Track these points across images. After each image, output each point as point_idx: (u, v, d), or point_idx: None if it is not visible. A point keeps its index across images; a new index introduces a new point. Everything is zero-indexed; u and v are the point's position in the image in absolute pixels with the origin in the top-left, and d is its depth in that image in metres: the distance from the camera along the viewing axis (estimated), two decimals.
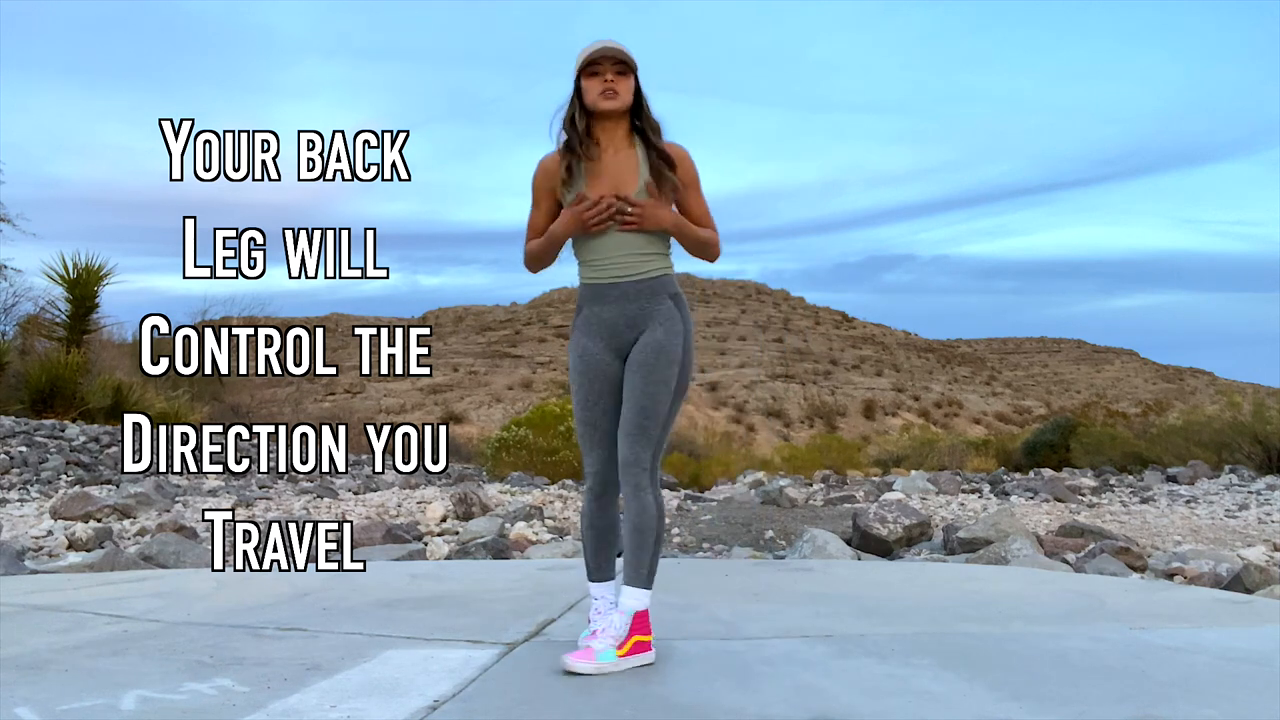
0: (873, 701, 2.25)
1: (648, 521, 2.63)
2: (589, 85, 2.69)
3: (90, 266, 16.40)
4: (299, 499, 9.09)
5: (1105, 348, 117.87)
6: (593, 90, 2.68)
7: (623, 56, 2.67)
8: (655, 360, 2.68)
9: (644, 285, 2.73)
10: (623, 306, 2.73)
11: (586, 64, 2.68)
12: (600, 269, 2.74)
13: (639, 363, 2.69)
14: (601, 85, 2.67)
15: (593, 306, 2.77)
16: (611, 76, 2.66)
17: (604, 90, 2.67)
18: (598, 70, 2.67)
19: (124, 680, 2.41)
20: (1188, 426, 17.77)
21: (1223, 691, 2.35)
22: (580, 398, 2.80)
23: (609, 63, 2.66)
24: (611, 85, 2.66)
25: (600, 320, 2.75)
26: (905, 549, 6.38)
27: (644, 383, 2.67)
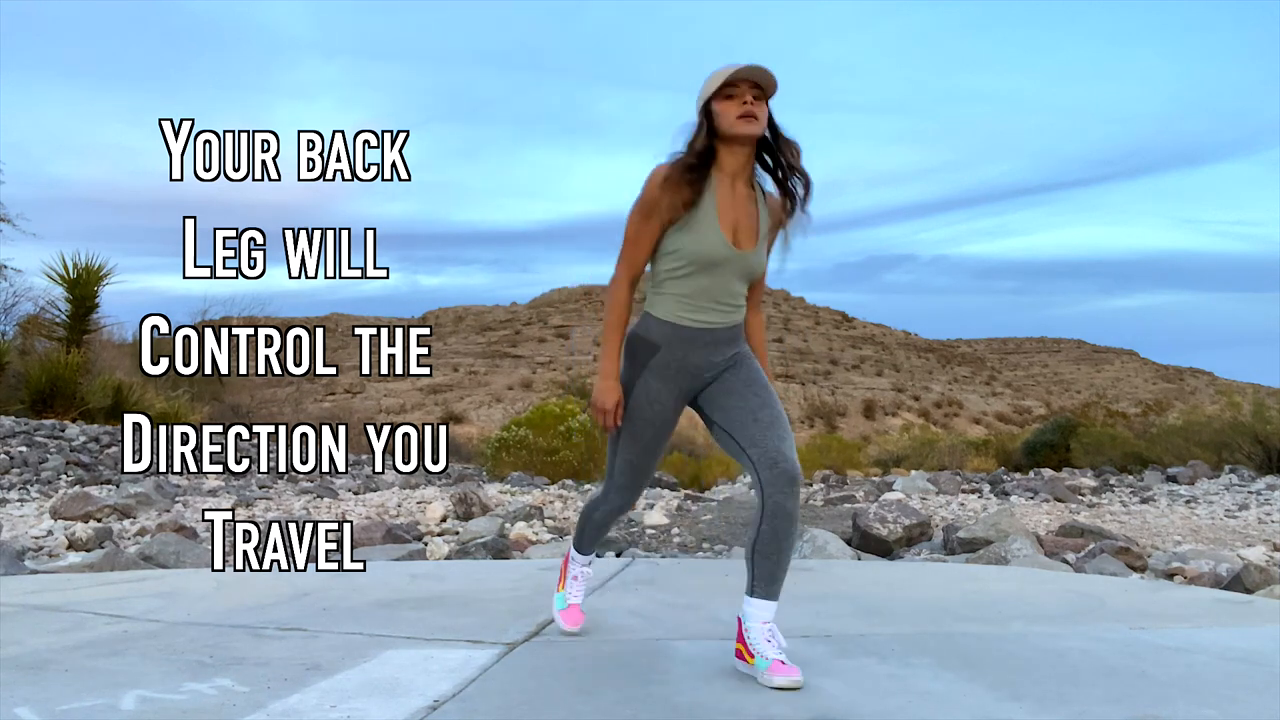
0: (873, 701, 2.25)
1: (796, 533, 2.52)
2: (724, 108, 2.46)
3: (90, 266, 16.40)
4: (299, 499, 9.09)
5: (1105, 348, 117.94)
6: (729, 113, 2.45)
7: (761, 79, 2.45)
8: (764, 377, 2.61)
9: (732, 331, 2.61)
10: (711, 354, 2.58)
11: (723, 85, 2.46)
12: (700, 310, 2.55)
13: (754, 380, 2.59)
14: (739, 108, 2.45)
15: (676, 350, 2.57)
16: (750, 100, 2.45)
17: (742, 114, 2.44)
18: (734, 93, 2.46)
19: (124, 680, 2.41)
20: (1188, 426, 17.77)
21: (1223, 691, 2.35)
22: (641, 444, 2.65)
23: (747, 85, 2.46)
24: (750, 109, 2.44)
25: (683, 366, 2.58)
26: (905, 549, 6.38)
27: (770, 393, 2.56)
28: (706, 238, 2.49)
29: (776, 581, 2.47)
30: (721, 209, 2.50)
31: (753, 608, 2.47)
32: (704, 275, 2.52)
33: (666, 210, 2.49)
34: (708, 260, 2.50)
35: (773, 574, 2.46)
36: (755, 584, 2.47)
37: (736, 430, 2.53)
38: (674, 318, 2.56)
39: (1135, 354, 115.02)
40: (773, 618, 2.47)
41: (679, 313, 2.55)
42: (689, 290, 2.54)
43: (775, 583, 2.47)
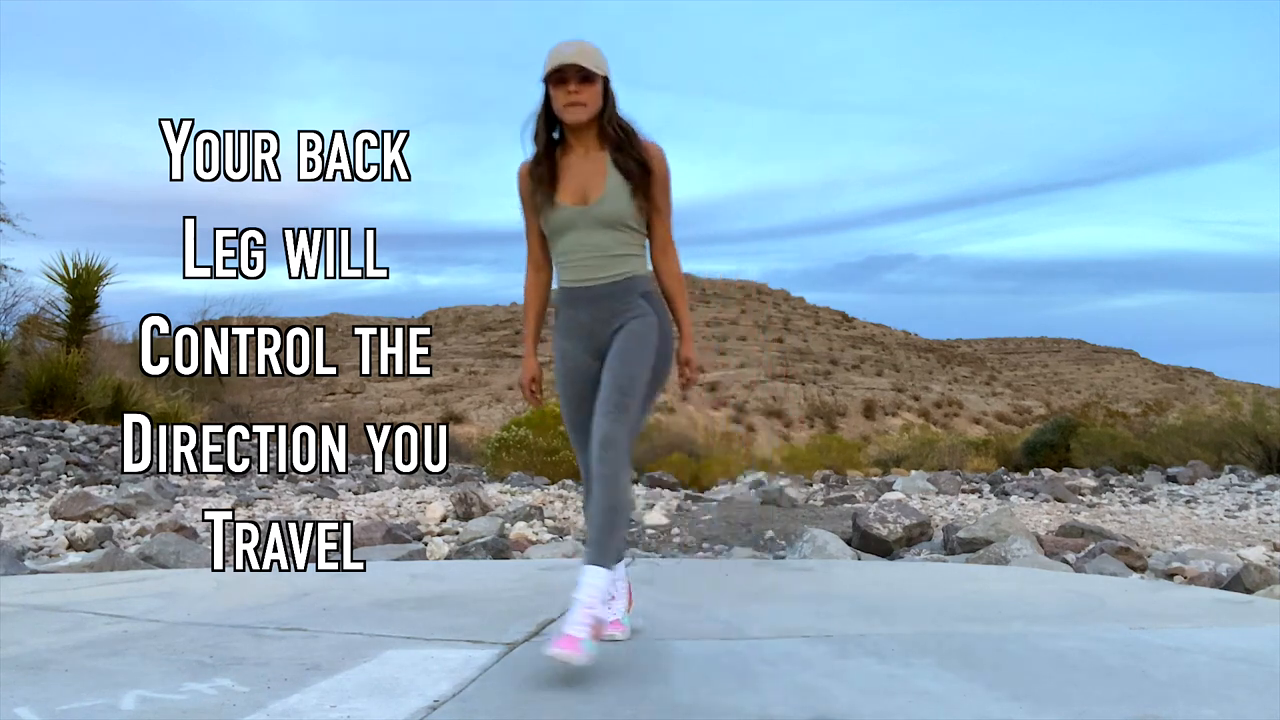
0: (873, 701, 2.25)
1: (622, 500, 2.57)
2: (555, 94, 2.65)
3: (90, 266, 16.39)
4: (299, 499, 9.09)
5: (1105, 348, 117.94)
6: (558, 101, 2.65)
7: (587, 66, 2.59)
8: (630, 345, 2.69)
9: (616, 286, 2.74)
10: (595, 308, 2.74)
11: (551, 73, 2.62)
12: (572, 270, 2.76)
13: (615, 350, 2.69)
14: (567, 97, 2.63)
15: (567, 309, 2.79)
16: (575, 86, 2.62)
17: (569, 103, 2.64)
18: (563, 79, 2.62)
19: (124, 680, 2.41)
20: (1188, 426, 17.77)
21: (1223, 691, 2.35)
22: (565, 399, 2.85)
23: (573, 72, 2.60)
24: (575, 96, 2.62)
25: (576, 322, 2.77)
26: (905, 549, 6.38)
27: (620, 364, 2.66)
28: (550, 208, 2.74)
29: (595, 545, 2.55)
30: (567, 175, 2.73)
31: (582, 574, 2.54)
32: (562, 237, 2.75)
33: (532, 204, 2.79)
34: (556, 226, 2.74)
35: (594, 538, 2.56)
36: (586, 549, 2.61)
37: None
38: (561, 282, 2.81)
39: (1135, 354, 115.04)
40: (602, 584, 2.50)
41: (561, 277, 2.81)
42: (560, 253, 2.78)
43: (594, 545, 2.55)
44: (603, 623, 2.50)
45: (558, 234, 2.76)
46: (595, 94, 2.65)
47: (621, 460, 2.58)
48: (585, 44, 2.65)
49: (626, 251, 2.75)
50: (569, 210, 2.72)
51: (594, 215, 2.71)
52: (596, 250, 2.72)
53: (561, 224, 2.74)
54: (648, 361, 2.69)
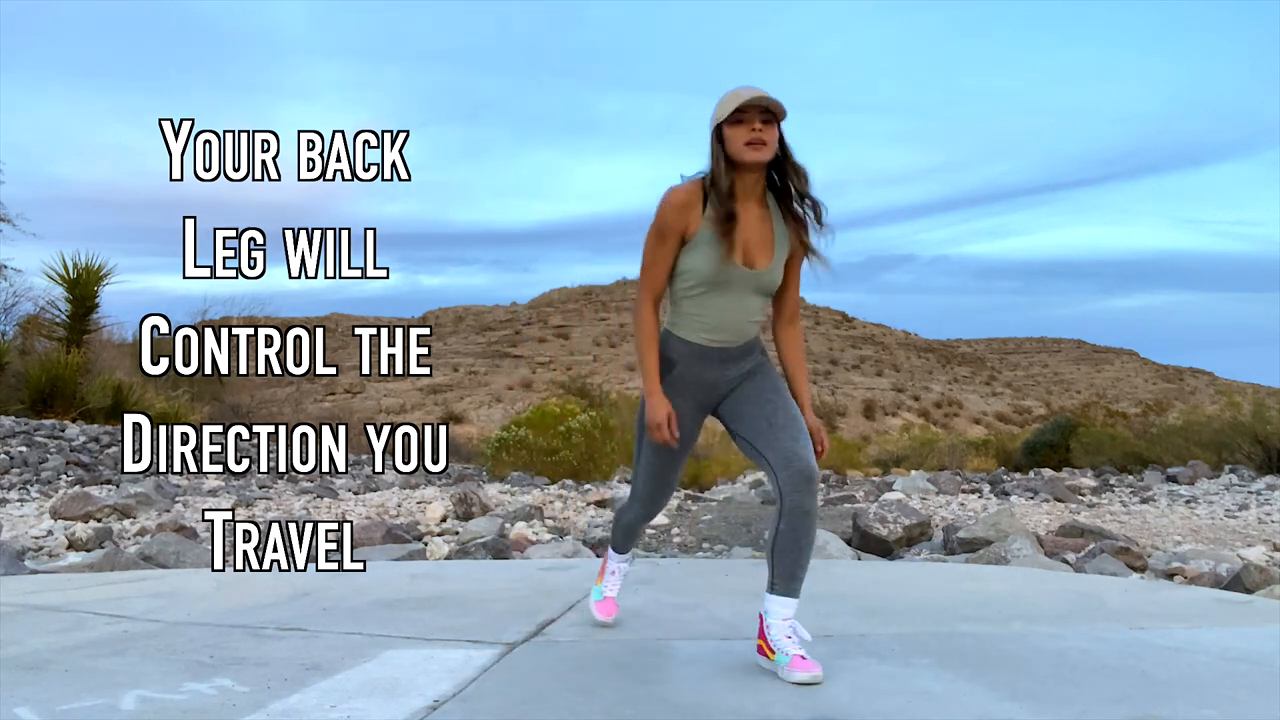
0: (873, 701, 2.25)
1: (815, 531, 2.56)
2: (733, 133, 2.48)
3: (90, 266, 16.39)
4: (299, 499, 9.09)
5: (1105, 348, 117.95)
6: (737, 140, 2.48)
7: (771, 105, 2.47)
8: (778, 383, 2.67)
9: (747, 346, 2.68)
10: (725, 368, 2.66)
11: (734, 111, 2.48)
12: (709, 331, 2.62)
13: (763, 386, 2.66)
14: (749, 134, 2.47)
15: (691, 366, 2.65)
16: (759, 125, 2.47)
17: (750, 140, 2.47)
18: (743, 119, 2.47)
19: (124, 680, 2.41)
20: (1188, 426, 17.77)
21: (1223, 691, 2.35)
22: (662, 459, 2.75)
23: (756, 111, 2.47)
24: (759, 135, 2.47)
25: (698, 380, 2.66)
26: (905, 549, 6.38)
27: (781, 398, 2.63)
28: (712, 258, 2.53)
29: (796, 579, 2.53)
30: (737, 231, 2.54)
31: (773, 604, 2.53)
32: (716, 294, 2.57)
33: (676, 233, 2.55)
34: (721, 280, 2.55)
35: (792, 571, 2.52)
36: (775, 581, 2.54)
37: (754, 436, 2.60)
38: (689, 336, 2.64)
39: (1135, 354, 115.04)
40: (793, 614, 2.52)
41: (694, 331, 2.63)
42: (702, 309, 2.60)
43: (795, 580, 2.53)
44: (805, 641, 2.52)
45: (706, 289, 2.58)
46: (774, 137, 2.50)
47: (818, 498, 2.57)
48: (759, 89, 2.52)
49: (763, 316, 2.68)
50: (736, 270, 2.55)
51: (759, 280, 2.58)
52: (745, 315, 2.61)
53: (721, 280, 2.56)
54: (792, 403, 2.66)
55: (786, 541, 2.50)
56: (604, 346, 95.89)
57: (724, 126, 2.51)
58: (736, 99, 2.47)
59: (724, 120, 2.50)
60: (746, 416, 2.64)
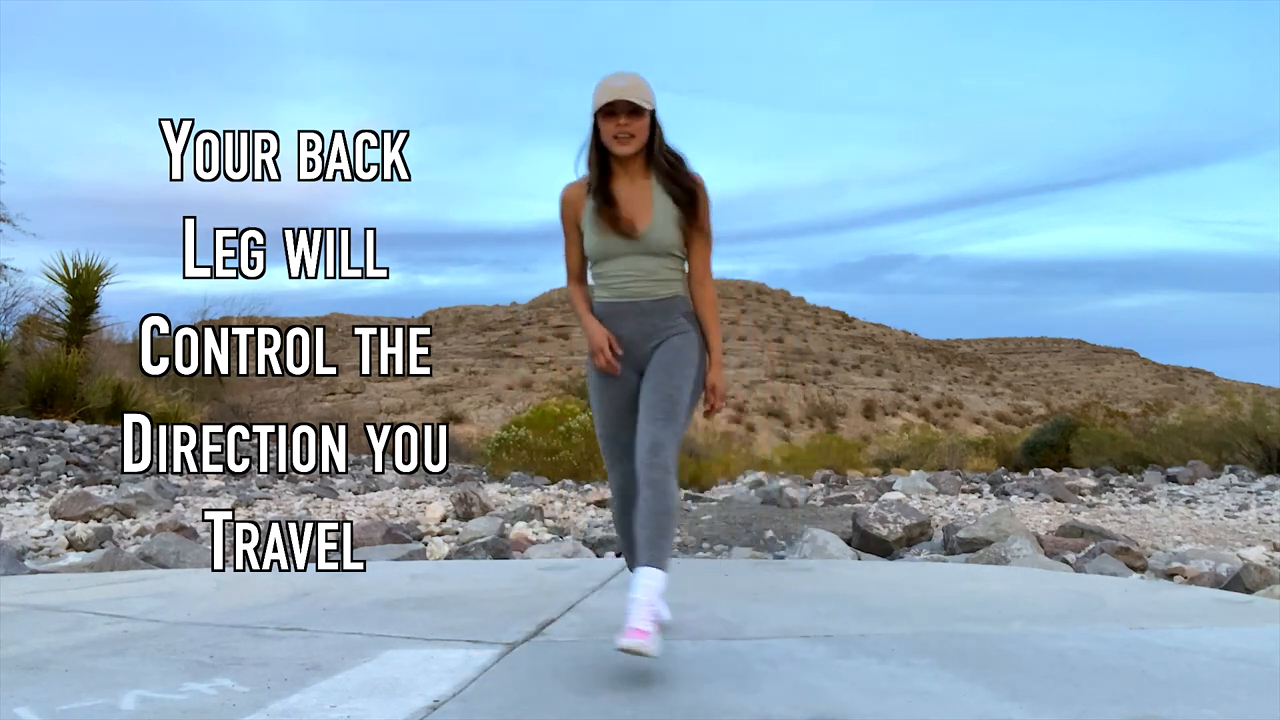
0: (873, 701, 2.25)
1: (674, 504, 2.63)
2: (604, 126, 2.74)
3: (90, 266, 16.39)
4: (299, 499, 9.09)
5: (1105, 348, 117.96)
6: (607, 133, 2.74)
7: (636, 101, 2.69)
8: (675, 358, 2.78)
9: (660, 303, 2.83)
10: (639, 323, 2.82)
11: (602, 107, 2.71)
12: (618, 289, 2.83)
13: (660, 362, 2.78)
14: (615, 129, 2.72)
15: (608, 324, 2.85)
16: (625, 119, 2.71)
17: (617, 134, 2.73)
18: (613, 111, 2.71)
19: (124, 680, 2.41)
20: (1188, 426, 17.77)
21: (1223, 691, 2.35)
22: (602, 414, 2.91)
23: (623, 106, 2.70)
24: (625, 128, 2.72)
25: (618, 338, 2.83)
26: (905, 549, 6.38)
27: (666, 375, 2.75)
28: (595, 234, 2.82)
29: (655, 548, 2.57)
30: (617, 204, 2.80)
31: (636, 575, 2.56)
32: (611, 262, 2.83)
33: (573, 226, 2.89)
34: (604, 250, 2.82)
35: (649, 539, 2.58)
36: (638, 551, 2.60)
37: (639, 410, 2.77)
38: (604, 298, 2.88)
39: (1135, 354, 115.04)
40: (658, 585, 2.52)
41: (603, 294, 2.88)
42: (605, 274, 2.86)
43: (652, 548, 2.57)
44: (661, 620, 2.54)
45: (604, 259, 2.84)
46: (643, 127, 2.74)
47: (671, 466, 2.64)
48: (635, 77, 2.75)
49: (671, 276, 2.85)
50: (612, 240, 2.80)
51: (644, 242, 2.79)
52: (644, 274, 2.82)
53: (610, 250, 2.81)
54: (690, 375, 2.77)
55: (642, 513, 2.60)
56: None
57: (598, 117, 2.75)
58: (605, 93, 2.71)
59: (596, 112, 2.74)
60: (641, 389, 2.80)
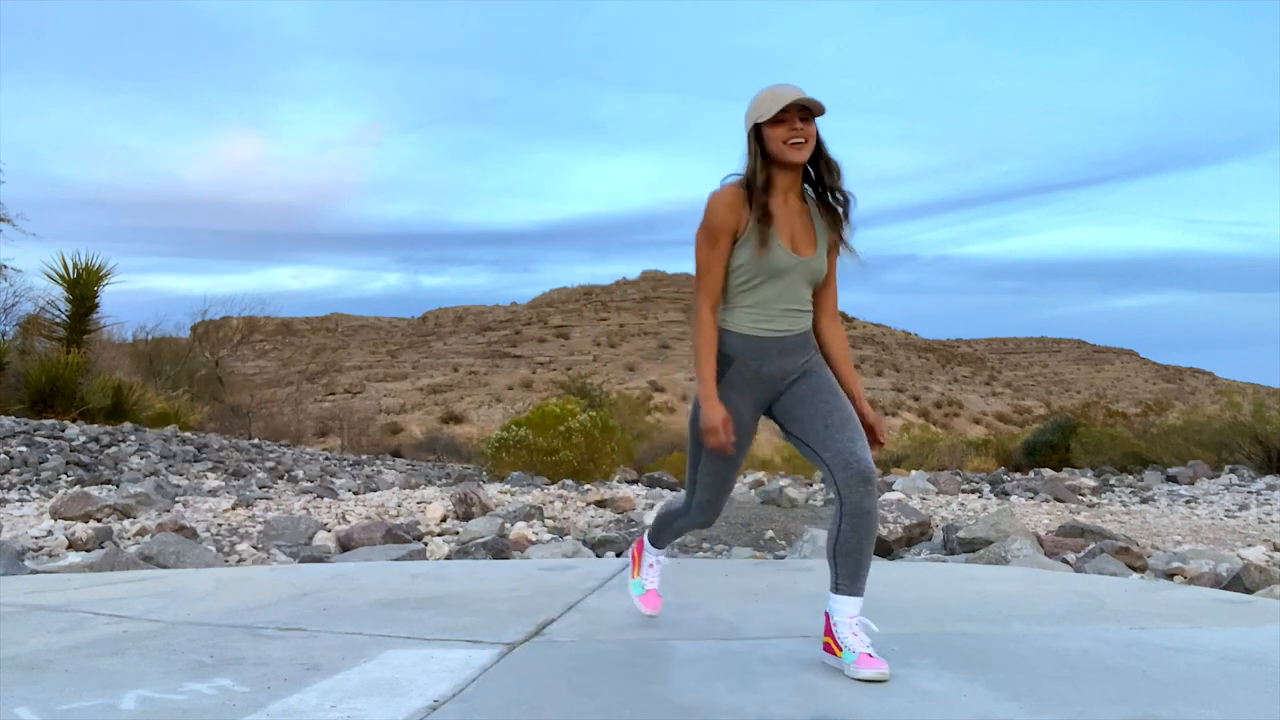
0: (873, 701, 2.25)
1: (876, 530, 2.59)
2: (774, 133, 2.56)
3: (90, 266, 16.39)
4: (299, 499, 9.09)
5: (1105, 348, 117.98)
6: (778, 138, 2.55)
7: (811, 104, 2.55)
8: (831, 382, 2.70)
9: (803, 337, 2.71)
10: (784, 361, 2.68)
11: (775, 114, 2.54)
12: (766, 320, 2.65)
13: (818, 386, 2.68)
14: (788, 133, 2.55)
15: (749, 361, 2.66)
16: (799, 125, 2.55)
17: (791, 139, 2.55)
18: (784, 118, 2.55)
19: (124, 680, 2.41)
20: (1188, 426, 17.76)
21: (1223, 691, 2.35)
22: (720, 463, 2.75)
23: (796, 110, 2.54)
24: (800, 133, 2.55)
25: (756, 375, 2.67)
26: (905, 549, 6.38)
27: (836, 397, 2.66)
28: (766, 251, 2.59)
29: (859, 578, 2.56)
30: (778, 222, 2.61)
31: (839, 604, 2.57)
32: (771, 285, 2.63)
33: (728, 233, 2.60)
34: (774, 269, 2.61)
35: (855, 571, 2.55)
36: (840, 581, 2.58)
37: (810, 437, 2.63)
38: (746, 329, 2.66)
39: (1135, 354, 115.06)
40: (859, 612, 2.56)
41: (750, 324, 2.65)
42: (757, 300, 2.64)
43: (858, 579, 2.56)
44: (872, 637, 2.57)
45: (761, 279, 2.63)
46: (813, 134, 2.58)
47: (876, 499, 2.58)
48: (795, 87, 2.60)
49: (812, 307, 2.74)
50: (787, 256, 2.61)
51: (809, 268, 2.65)
52: (799, 303, 2.67)
53: (774, 270, 2.61)
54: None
55: (848, 542, 2.53)
56: (604, 346, 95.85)
57: (763, 126, 2.57)
58: (778, 99, 2.53)
59: (764, 120, 2.56)
60: (802, 418, 2.66)
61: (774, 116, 2.54)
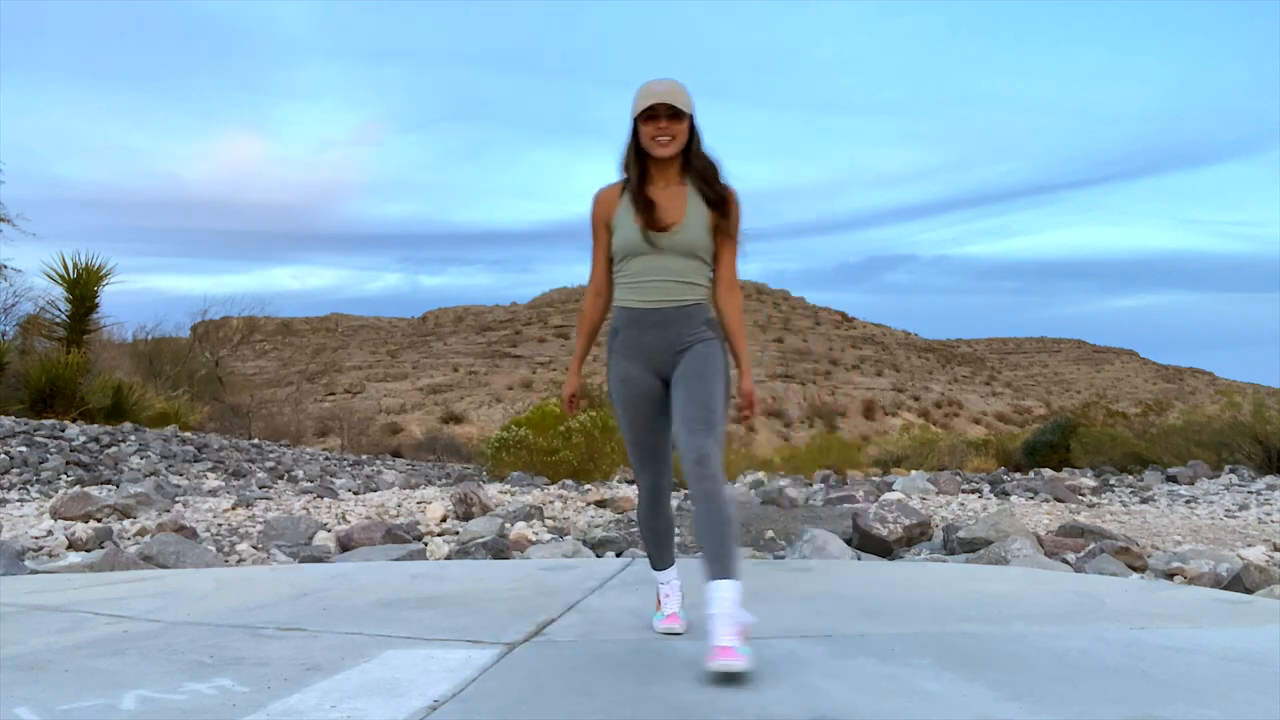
0: (873, 701, 2.25)
1: (732, 512, 2.64)
2: (644, 129, 2.78)
3: (90, 266, 16.39)
4: (299, 499, 9.09)
5: (1105, 348, 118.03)
6: (647, 136, 2.77)
7: (676, 104, 2.73)
8: (705, 366, 2.77)
9: (684, 310, 2.82)
10: (662, 331, 2.81)
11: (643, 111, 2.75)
12: (640, 291, 2.82)
13: (692, 371, 2.77)
14: (655, 131, 2.76)
15: (630, 330, 2.85)
16: (665, 122, 2.75)
17: (657, 136, 2.76)
18: (653, 115, 2.75)
19: (124, 680, 2.41)
20: (1188, 426, 17.75)
21: (1223, 691, 2.35)
22: (628, 421, 2.92)
23: (664, 109, 2.74)
24: (665, 130, 2.75)
25: (639, 344, 2.84)
26: (905, 549, 6.38)
27: (699, 382, 2.74)
28: (626, 229, 2.82)
29: (718, 560, 2.61)
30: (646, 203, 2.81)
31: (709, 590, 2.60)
32: (638, 260, 2.81)
33: (604, 226, 2.89)
34: (634, 246, 2.81)
35: (714, 554, 2.62)
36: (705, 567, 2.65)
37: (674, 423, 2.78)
38: (624, 302, 2.87)
39: (1135, 354, 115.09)
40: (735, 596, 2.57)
41: (626, 297, 2.86)
42: (628, 275, 2.84)
43: (717, 561, 2.61)
44: (746, 626, 2.54)
45: (631, 256, 2.82)
46: (683, 130, 2.78)
47: (720, 474, 2.64)
48: (675, 83, 2.79)
49: (698, 281, 2.84)
50: (649, 235, 2.79)
51: (673, 241, 2.79)
52: (670, 275, 2.80)
53: (638, 246, 2.80)
54: (721, 381, 2.77)
55: (699, 528, 2.63)
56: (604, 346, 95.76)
57: (638, 121, 2.78)
58: (646, 97, 2.74)
59: (637, 115, 2.77)
60: (669, 402, 2.82)
61: (645, 113, 2.75)
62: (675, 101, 2.73)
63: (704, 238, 2.82)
